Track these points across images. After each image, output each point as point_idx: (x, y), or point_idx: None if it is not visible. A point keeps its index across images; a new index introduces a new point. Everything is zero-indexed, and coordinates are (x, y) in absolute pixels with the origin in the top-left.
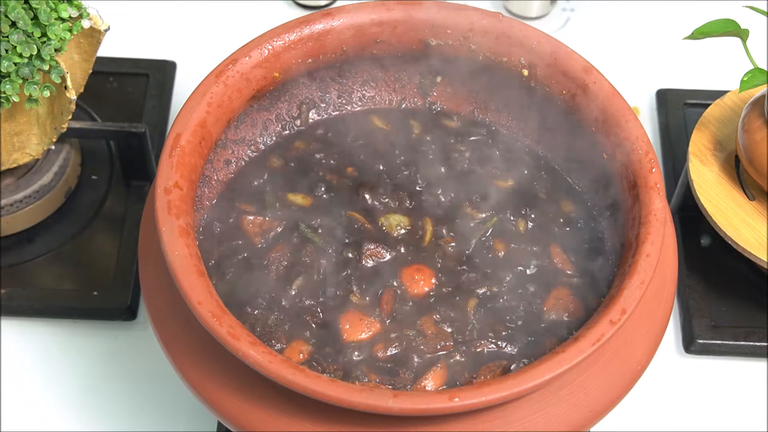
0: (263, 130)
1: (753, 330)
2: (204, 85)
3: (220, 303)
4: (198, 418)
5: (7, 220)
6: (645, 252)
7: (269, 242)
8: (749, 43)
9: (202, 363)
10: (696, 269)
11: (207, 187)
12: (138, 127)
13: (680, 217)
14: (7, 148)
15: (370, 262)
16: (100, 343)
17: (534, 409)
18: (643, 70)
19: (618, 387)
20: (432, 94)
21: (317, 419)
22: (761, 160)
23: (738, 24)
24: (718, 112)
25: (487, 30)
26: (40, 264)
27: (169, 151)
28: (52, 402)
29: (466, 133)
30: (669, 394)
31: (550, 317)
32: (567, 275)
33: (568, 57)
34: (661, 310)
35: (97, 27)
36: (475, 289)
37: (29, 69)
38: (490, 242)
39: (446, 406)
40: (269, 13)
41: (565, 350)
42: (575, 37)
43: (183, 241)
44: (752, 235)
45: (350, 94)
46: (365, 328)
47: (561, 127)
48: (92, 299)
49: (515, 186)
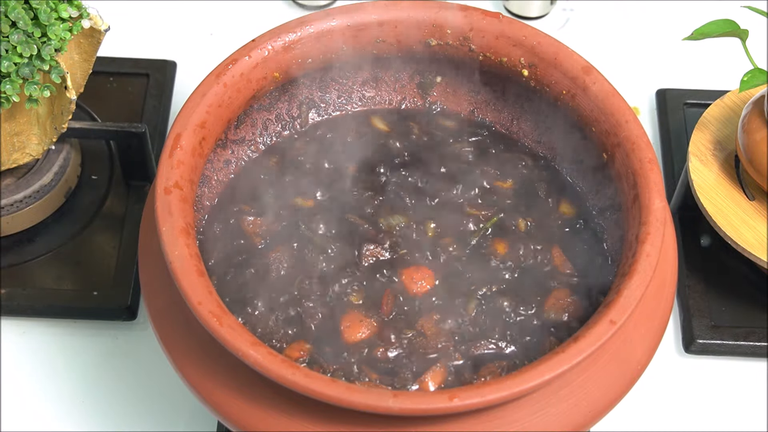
0: (263, 130)
1: (753, 330)
2: (204, 85)
3: (220, 303)
4: (198, 418)
5: (7, 220)
6: (645, 252)
7: (269, 243)
8: (749, 43)
9: (202, 363)
10: (696, 269)
11: (207, 187)
12: (138, 127)
13: (680, 217)
14: (7, 148)
15: (370, 263)
16: (100, 343)
17: (534, 409)
18: (643, 70)
19: (618, 387)
20: (432, 94)
21: (317, 419)
22: (761, 160)
23: (738, 24)
24: (718, 112)
25: (487, 30)
26: (40, 264)
27: (169, 151)
28: (52, 402)
29: (466, 133)
30: (669, 394)
31: (550, 317)
32: (567, 275)
33: (568, 57)
34: (661, 310)
35: (97, 27)
36: (475, 289)
37: (29, 69)
38: (490, 242)
39: (446, 406)
40: (269, 13)
41: (565, 350)
42: (575, 37)
43: (183, 241)
44: (752, 235)
45: (350, 94)
46: (365, 328)
47: (561, 127)
48: (92, 299)
49: (515, 186)
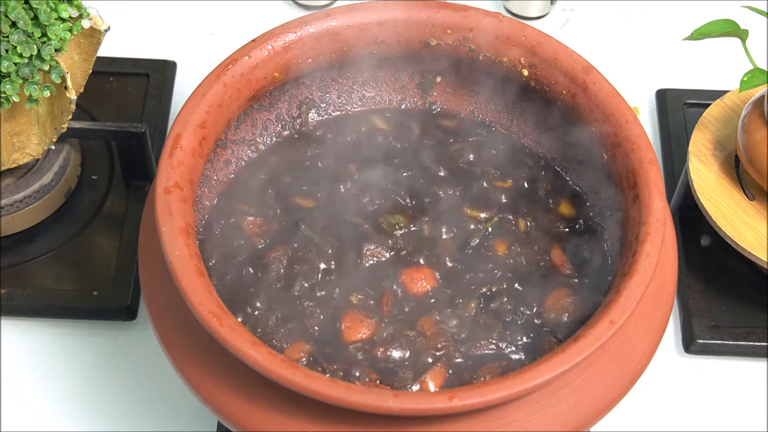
0: (263, 130)
1: (753, 330)
2: (204, 85)
3: (220, 303)
4: (198, 418)
5: (7, 220)
6: (645, 252)
7: (269, 243)
8: (749, 43)
9: (202, 363)
10: (696, 269)
11: (207, 187)
12: (138, 127)
13: (680, 217)
14: (7, 148)
15: (369, 263)
16: (100, 343)
17: (534, 409)
18: (643, 70)
19: (618, 387)
20: (432, 94)
21: (317, 419)
22: (761, 160)
23: (738, 24)
24: (718, 112)
25: (487, 30)
26: (40, 264)
27: (169, 151)
28: (52, 402)
29: (466, 133)
30: (669, 394)
31: (550, 317)
32: (567, 275)
33: (568, 57)
34: (661, 310)
35: (97, 27)
36: (475, 289)
37: (29, 69)
38: (490, 242)
39: (446, 406)
40: (269, 13)
41: (565, 350)
42: (575, 37)
43: (183, 241)
44: (752, 235)
45: (350, 94)
46: (365, 328)
47: (561, 127)
48: (92, 299)
49: (515, 186)
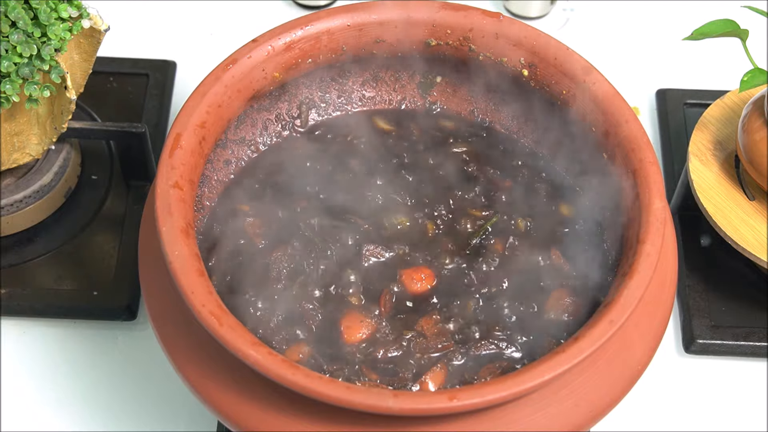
0: (263, 130)
1: (753, 330)
2: (204, 85)
3: (220, 303)
4: (198, 418)
5: (7, 220)
6: (645, 252)
7: (269, 243)
8: (749, 43)
9: (202, 363)
10: (696, 269)
11: (207, 187)
12: (138, 127)
13: (680, 217)
14: (7, 148)
15: (369, 263)
16: (100, 343)
17: (534, 409)
18: (643, 70)
19: (618, 387)
20: (432, 94)
21: (317, 419)
22: (761, 160)
23: (738, 24)
24: (718, 112)
25: (487, 30)
26: (40, 264)
27: (169, 151)
28: (52, 402)
29: (466, 133)
30: (669, 394)
31: (550, 317)
32: (567, 275)
33: (568, 57)
34: (661, 310)
35: (97, 27)
36: (475, 289)
37: (29, 69)
38: (490, 242)
39: (446, 406)
40: (269, 13)
41: (565, 350)
42: (575, 37)
43: (183, 241)
44: (752, 235)
45: (350, 94)
46: (365, 328)
47: (561, 127)
48: (92, 299)
49: (515, 186)
